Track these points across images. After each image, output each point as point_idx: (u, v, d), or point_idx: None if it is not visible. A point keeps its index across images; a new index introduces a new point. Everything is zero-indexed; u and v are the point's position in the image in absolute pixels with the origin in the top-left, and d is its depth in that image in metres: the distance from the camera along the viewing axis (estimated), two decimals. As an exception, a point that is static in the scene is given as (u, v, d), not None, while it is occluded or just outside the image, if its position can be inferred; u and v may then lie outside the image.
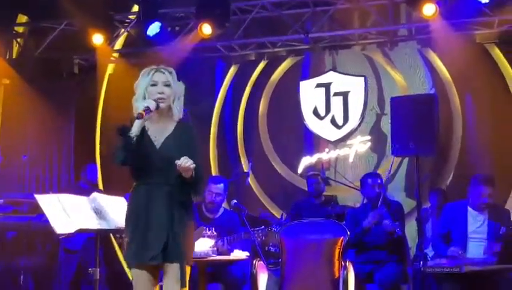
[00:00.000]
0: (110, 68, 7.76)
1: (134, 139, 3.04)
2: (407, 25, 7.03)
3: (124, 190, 6.37)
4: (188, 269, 3.14)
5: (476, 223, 4.80)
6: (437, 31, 6.42)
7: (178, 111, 3.20)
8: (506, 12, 6.34)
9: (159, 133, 3.19)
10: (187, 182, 3.08)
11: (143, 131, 3.12)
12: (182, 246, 3.09)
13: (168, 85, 3.19)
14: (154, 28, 6.80)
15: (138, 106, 3.11)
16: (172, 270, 3.08)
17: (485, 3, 6.21)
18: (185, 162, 3.00)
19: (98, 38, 6.98)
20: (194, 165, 3.02)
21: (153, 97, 3.15)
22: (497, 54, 6.75)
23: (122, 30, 7.34)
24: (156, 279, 3.17)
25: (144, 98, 3.16)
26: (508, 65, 6.70)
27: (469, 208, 4.85)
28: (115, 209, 3.83)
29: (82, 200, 3.81)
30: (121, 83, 7.53)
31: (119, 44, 7.59)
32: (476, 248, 4.72)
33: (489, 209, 4.81)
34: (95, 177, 6.86)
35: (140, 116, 3.04)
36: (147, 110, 3.07)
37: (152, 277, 3.14)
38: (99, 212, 3.77)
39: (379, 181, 5.49)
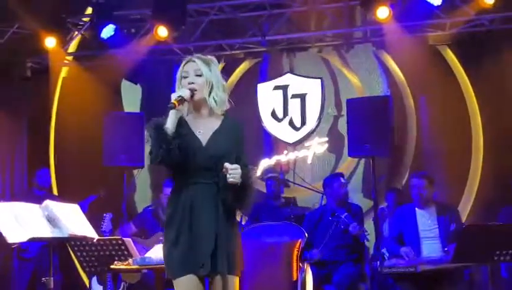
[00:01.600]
0: (63, 71, 7.61)
1: (171, 133, 2.76)
2: (362, 28, 7.10)
3: (80, 194, 6.34)
4: (236, 280, 2.85)
5: (426, 222, 4.92)
6: (391, 33, 6.51)
7: (217, 103, 2.88)
8: (457, 15, 6.46)
9: (204, 128, 2.89)
10: (233, 190, 2.79)
11: (183, 125, 2.84)
12: (231, 255, 2.81)
13: (199, 75, 2.88)
14: (108, 31, 6.70)
15: (172, 96, 2.82)
16: (218, 282, 2.78)
17: (438, 6, 6.34)
18: (234, 170, 2.75)
19: (50, 41, 6.84)
20: (240, 175, 2.76)
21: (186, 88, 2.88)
22: (450, 55, 6.89)
23: (76, 33, 7.21)
24: (203, 288, 2.83)
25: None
26: (460, 67, 6.83)
27: (417, 209, 4.98)
28: (68, 217, 3.76)
29: (34, 208, 3.72)
30: (75, 86, 7.42)
31: (72, 47, 7.45)
32: (429, 247, 4.83)
33: (437, 207, 4.96)
34: (46, 182, 6.68)
35: (173, 106, 2.76)
36: (181, 99, 2.80)
37: (200, 286, 2.80)
38: (52, 220, 3.69)
39: (344, 180, 5.60)
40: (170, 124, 2.78)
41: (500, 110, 6.56)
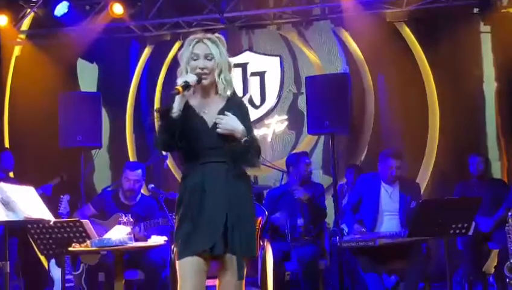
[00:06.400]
0: (16, 50, 7.40)
1: (178, 119, 2.77)
2: (320, 5, 7.08)
3: (36, 176, 6.19)
4: (246, 262, 2.83)
5: (388, 197, 4.98)
6: (348, 10, 6.53)
7: (224, 85, 2.90)
8: (414, -9, 6.53)
9: (209, 108, 2.90)
10: (238, 152, 2.81)
11: (188, 108, 2.85)
12: (246, 236, 2.78)
13: (210, 58, 2.89)
14: (61, 8, 6.52)
15: (178, 81, 2.82)
16: (229, 262, 2.77)
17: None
18: (225, 119, 2.80)
19: (2, 19, 6.65)
20: (235, 126, 2.81)
21: (194, 72, 2.87)
22: (407, 32, 6.94)
23: (28, 10, 7.00)
24: (207, 270, 2.81)
25: (186, 73, 2.88)
26: (417, 43, 6.90)
27: (382, 182, 5.03)
28: (24, 200, 3.68)
29: (-13, 191, 3.62)
30: (29, 66, 7.22)
31: (25, 25, 7.22)
32: (389, 222, 4.90)
33: (400, 183, 4.99)
34: (11, 165, 6.49)
35: (177, 92, 2.76)
36: (186, 85, 2.79)
37: (203, 267, 2.78)
38: (6, 204, 3.60)
39: (309, 160, 5.63)
40: (177, 109, 2.79)
41: (456, 87, 6.67)
